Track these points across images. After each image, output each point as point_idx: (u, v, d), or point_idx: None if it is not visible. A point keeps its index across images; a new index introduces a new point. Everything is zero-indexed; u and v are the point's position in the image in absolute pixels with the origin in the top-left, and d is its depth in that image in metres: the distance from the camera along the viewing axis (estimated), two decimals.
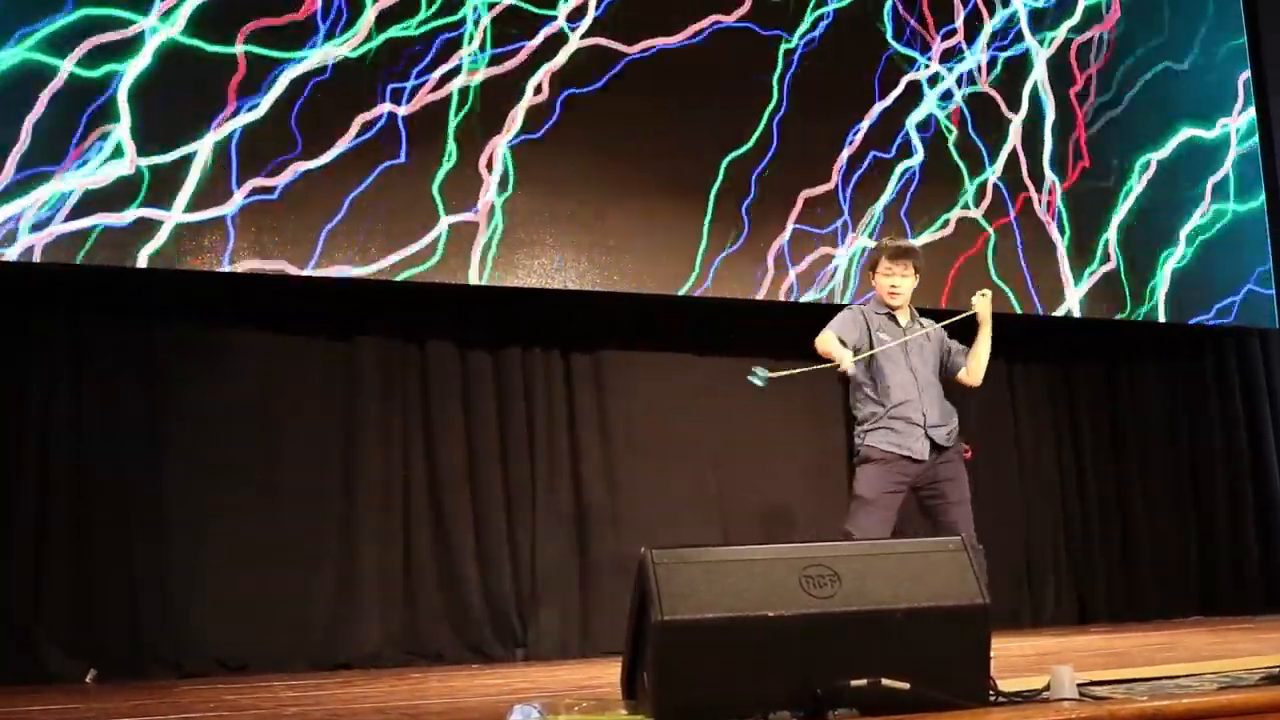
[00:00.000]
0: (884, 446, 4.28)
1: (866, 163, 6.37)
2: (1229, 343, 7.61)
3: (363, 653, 5.46)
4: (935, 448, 4.29)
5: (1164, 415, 7.45)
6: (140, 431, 5.35)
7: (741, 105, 6.15)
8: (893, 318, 4.46)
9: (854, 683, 2.24)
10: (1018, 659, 4.10)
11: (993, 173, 6.68)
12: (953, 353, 4.52)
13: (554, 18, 5.81)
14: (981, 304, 4.46)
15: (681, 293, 5.90)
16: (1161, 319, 6.99)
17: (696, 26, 6.10)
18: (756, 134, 6.13)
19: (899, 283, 4.42)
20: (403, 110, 5.48)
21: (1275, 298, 7.31)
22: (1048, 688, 2.45)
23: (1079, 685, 2.46)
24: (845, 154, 6.33)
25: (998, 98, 6.78)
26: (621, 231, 5.82)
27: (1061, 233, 6.83)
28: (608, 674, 3.98)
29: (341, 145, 5.35)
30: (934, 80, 6.61)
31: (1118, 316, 6.90)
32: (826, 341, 4.30)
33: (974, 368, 4.49)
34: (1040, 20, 6.99)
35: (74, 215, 4.89)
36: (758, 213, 6.08)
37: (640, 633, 2.36)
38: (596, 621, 5.86)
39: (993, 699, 2.40)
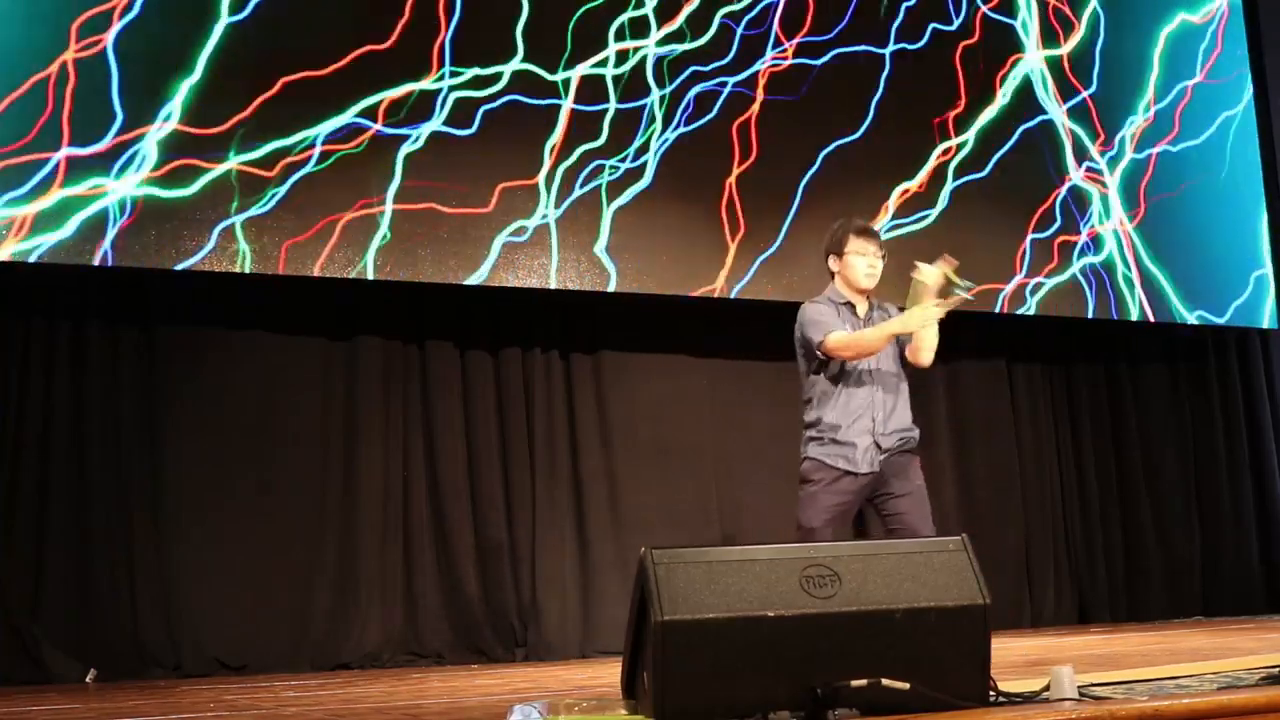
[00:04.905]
0: (828, 462, 3.78)
1: None
2: (1229, 343, 7.61)
3: (363, 653, 5.47)
4: (883, 454, 3.77)
5: (1164, 415, 7.44)
6: (140, 431, 5.35)
7: None
8: (851, 308, 3.87)
9: (854, 683, 2.24)
10: (1018, 659, 4.09)
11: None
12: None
13: None
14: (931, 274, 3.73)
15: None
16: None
17: None
18: None
19: (875, 263, 3.83)
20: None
21: (1275, 298, 7.31)
22: (1048, 688, 2.45)
23: (1079, 686, 2.46)
24: None
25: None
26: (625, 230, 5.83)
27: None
28: (608, 674, 3.98)
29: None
30: None
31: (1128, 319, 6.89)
32: (845, 339, 3.72)
33: (917, 345, 3.84)
34: None
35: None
36: None
37: (640, 633, 2.36)
38: (596, 621, 5.86)
39: (993, 699, 2.40)
